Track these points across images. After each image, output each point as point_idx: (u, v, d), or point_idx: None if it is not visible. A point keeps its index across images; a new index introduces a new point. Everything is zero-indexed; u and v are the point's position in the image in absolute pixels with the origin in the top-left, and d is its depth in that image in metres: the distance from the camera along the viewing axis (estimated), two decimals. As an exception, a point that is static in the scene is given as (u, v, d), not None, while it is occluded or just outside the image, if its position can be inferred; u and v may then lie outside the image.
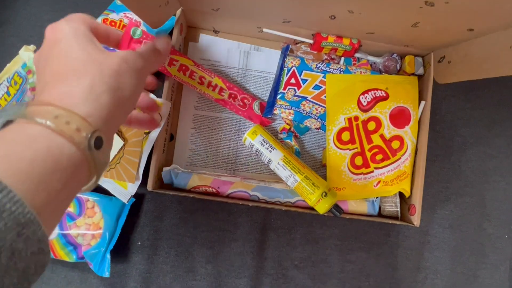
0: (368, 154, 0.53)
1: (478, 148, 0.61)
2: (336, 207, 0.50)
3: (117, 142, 0.51)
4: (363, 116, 0.53)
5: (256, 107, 0.52)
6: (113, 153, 0.52)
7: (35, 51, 0.52)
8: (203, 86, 0.52)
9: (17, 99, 0.50)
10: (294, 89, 0.54)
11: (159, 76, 0.57)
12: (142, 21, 0.54)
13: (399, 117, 0.54)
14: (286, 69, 0.54)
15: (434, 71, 0.54)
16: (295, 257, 0.57)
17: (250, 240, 0.57)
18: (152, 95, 0.53)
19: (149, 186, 0.50)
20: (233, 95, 0.53)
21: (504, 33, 0.39)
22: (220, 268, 0.56)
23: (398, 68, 0.56)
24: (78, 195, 0.51)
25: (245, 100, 0.52)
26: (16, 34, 0.58)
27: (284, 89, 0.54)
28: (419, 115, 0.55)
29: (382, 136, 0.53)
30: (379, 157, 0.53)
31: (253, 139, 0.52)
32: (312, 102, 0.54)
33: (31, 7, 0.58)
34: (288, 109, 0.54)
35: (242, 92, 0.55)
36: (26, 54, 0.52)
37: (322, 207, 0.49)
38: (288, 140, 0.56)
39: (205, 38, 0.58)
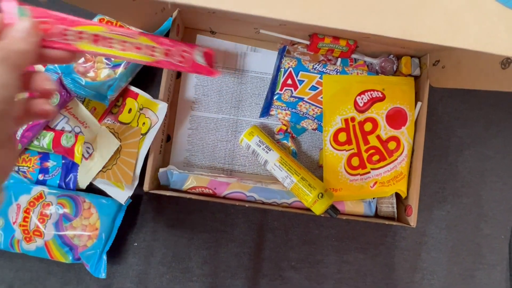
0: (365, 155, 0.54)
1: (475, 148, 0.62)
2: (333, 208, 0.50)
3: (113, 143, 0.51)
4: (359, 117, 0.54)
5: (198, 57, 0.43)
6: (108, 154, 0.51)
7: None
8: (128, 53, 0.39)
9: None
10: (291, 90, 0.54)
11: (151, 72, 0.57)
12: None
13: (396, 118, 0.54)
14: (283, 70, 0.54)
15: (429, 74, 0.54)
16: (292, 257, 0.57)
17: (246, 241, 0.57)
18: (147, 96, 0.53)
19: (146, 187, 0.50)
20: (167, 51, 0.42)
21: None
22: (216, 269, 0.56)
23: (395, 69, 0.56)
24: (74, 196, 0.51)
25: (184, 53, 0.42)
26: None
27: (281, 90, 0.54)
28: (415, 116, 0.55)
29: (378, 137, 0.54)
30: (375, 157, 0.53)
31: (250, 140, 0.52)
32: (309, 103, 0.54)
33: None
34: (285, 110, 0.54)
35: (178, 43, 0.42)
36: None
37: (319, 208, 0.49)
38: (285, 141, 0.56)
39: (202, 39, 0.58)
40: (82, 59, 0.52)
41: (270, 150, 0.52)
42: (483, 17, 0.19)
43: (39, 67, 0.51)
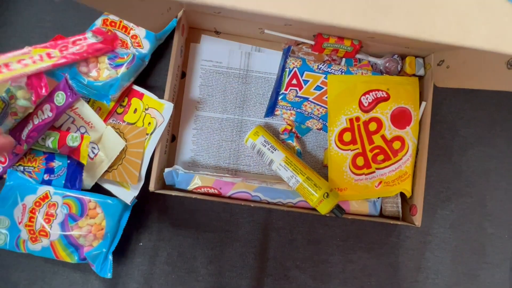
0: (370, 155, 0.54)
1: (479, 148, 0.62)
2: (338, 207, 0.50)
3: (119, 143, 0.51)
4: (364, 117, 0.54)
5: (91, 37, 0.47)
6: (114, 154, 0.52)
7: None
8: (32, 66, 0.47)
9: None
10: (296, 90, 0.54)
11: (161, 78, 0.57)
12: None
13: (400, 118, 0.54)
14: (287, 70, 0.54)
15: (433, 74, 0.54)
16: (296, 257, 0.57)
17: (251, 240, 0.57)
18: (153, 96, 0.53)
19: (151, 187, 0.50)
20: (63, 47, 0.48)
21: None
22: (222, 269, 0.56)
23: (399, 69, 0.56)
24: (80, 196, 0.51)
25: (78, 41, 0.47)
26: (18, 35, 0.58)
27: (286, 90, 0.54)
28: (420, 116, 0.55)
29: (383, 136, 0.54)
30: (380, 157, 0.54)
31: (255, 140, 0.53)
32: (314, 103, 0.54)
33: (33, 8, 0.58)
34: (290, 110, 0.54)
35: (69, 38, 0.49)
36: None
37: (324, 208, 0.49)
38: (290, 141, 0.56)
39: (206, 39, 0.58)
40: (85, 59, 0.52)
41: (275, 150, 0.52)
42: (493, 17, 0.19)
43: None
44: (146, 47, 0.54)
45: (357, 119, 0.54)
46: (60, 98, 0.50)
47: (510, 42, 0.19)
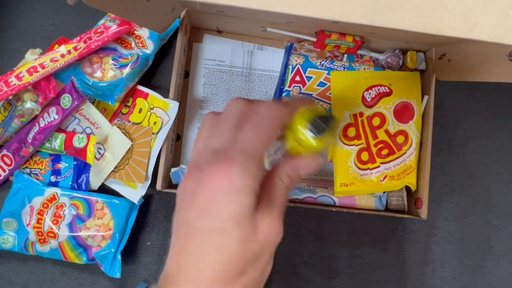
0: (374, 150, 0.54)
1: (481, 140, 0.62)
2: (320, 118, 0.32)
3: (125, 143, 0.52)
4: (367, 112, 0.54)
5: (109, 22, 0.53)
6: (120, 154, 0.52)
7: (40, 54, 0.52)
8: (61, 60, 0.50)
9: (4, 125, 0.51)
10: (299, 87, 0.54)
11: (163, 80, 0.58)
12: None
13: (403, 112, 0.55)
14: (290, 67, 0.55)
15: (434, 68, 0.55)
16: (303, 253, 0.58)
17: (258, 237, 0.57)
18: (158, 95, 0.53)
19: (159, 186, 0.50)
20: (87, 38, 0.52)
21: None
22: (229, 266, 0.56)
23: (401, 63, 0.57)
24: (87, 196, 0.52)
25: (99, 29, 0.52)
26: (21, 39, 0.58)
27: (289, 86, 0.55)
28: (422, 110, 0.55)
29: (387, 131, 0.54)
30: (384, 152, 0.54)
31: None
32: (318, 99, 0.55)
33: (35, 11, 0.59)
34: (294, 106, 0.55)
35: (91, 30, 0.53)
36: (31, 57, 0.52)
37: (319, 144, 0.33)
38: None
39: (209, 39, 0.59)
40: (87, 59, 0.53)
41: None
42: (498, 10, 0.20)
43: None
44: (150, 47, 0.54)
45: (361, 114, 0.54)
46: (66, 100, 0.50)
47: (516, 34, 0.20)
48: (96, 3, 0.27)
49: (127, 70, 0.52)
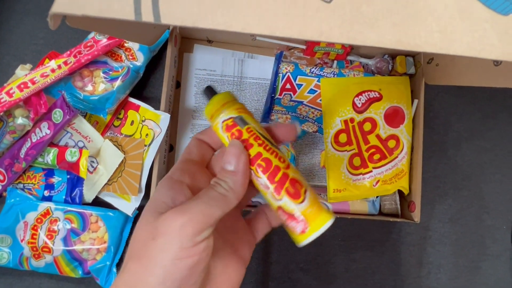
0: (366, 155, 0.54)
1: (473, 142, 0.63)
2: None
3: (117, 156, 0.52)
4: (358, 118, 0.54)
5: (99, 35, 0.53)
6: (113, 167, 0.52)
7: (31, 69, 0.52)
8: (52, 75, 0.50)
9: None
10: (290, 94, 0.55)
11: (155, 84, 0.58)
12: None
13: (394, 117, 0.55)
14: (281, 75, 0.55)
15: (424, 72, 0.55)
16: (299, 259, 0.58)
17: (254, 245, 0.57)
18: (149, 107, 0.53)
19: (152, 197, 0.50)
20: (77, 52, 0.52)
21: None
22: (226, 275, 0.57)
23: (390, 68, 0.57)
24: (81, 210, 0.52)
25: (88, 43, 0.52)
26: (11, 53, 0.58)
27: (280, 94, 0.55)
28: (412, 114, 0.56)
29: (378, 136, 0.54)
30: (376, 156, 0.54)
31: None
32: (308, 106, 0.55)
33: (25, 25, 0.59)
34: (285, 114, 0.55)
35: (81, 44, 0.53)
36: (22, 73, 0.52)
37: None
38: (285, 145, 0.56)
39: (199, 49, 0.59)
40: (78, 73, 0.53)
41: None
42: (474, 24, 0.20)
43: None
44: (140, 60, 0.55)
45: (352, 120, 0.54)
46: (57, 115, 0.50)
47: (491, 48, 0.20)
48: (80, 24, 0.27)
49: (118, 83, 0.52)
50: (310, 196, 0.29)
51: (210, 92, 0.32)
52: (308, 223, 0.29)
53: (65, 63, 0.50)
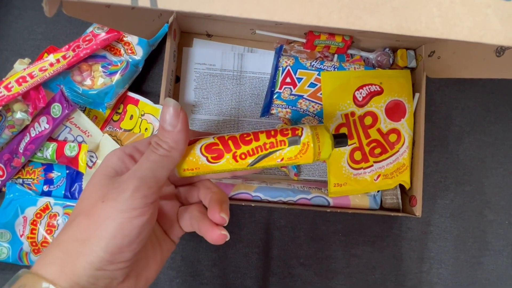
0: (367, 149, 0.54)
1: (475, 136, 0.62)
2: (338, 137, 0.34)
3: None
4: (359, 112, 0.54)
5: (98, 29, 0.52)
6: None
7: (30, 63, 0.52)
8: (50, 69, 0.50)
9: None
10: (290, 88, 0.54)
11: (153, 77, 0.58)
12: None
13: (395, 111, 0.54)
14: (281, 68, 0.55)
15: (425, 65, 0.55)
16: (300, 254, 0.58)
17: (254, 240, 0.57)
18: (148, 101, 0.53)
19: (152, 192, 0.50)
20: (76, 47, 0.52)
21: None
22: (226, 270, 0.56)
23: (391, 62, 0.57)
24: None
25: (87, 37, 0.52)
26: (10, 48, 0.58)
27: (280, 88, 0.54)
28: (414, 108, 0.55)
29: (379, 130, 0.54)
30: (377, 151, 0.54)
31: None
32: (309, 100, 0.55)
33: (24, 20, 0.58)
34: (285, 108, 0.54)
35: (79, 38, 0.53)
36: (20, 67, 0.52)
37: (326, 150, 0.33)
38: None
39: (198, 43, 0.58)
40: (77, 67, 0.52)
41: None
42: (476, 9, 0.20)
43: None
44: (139, 54, 0.54)
45: (352, 114, 0.54)
46: (56, 110, 0.50)
47: (493, 33, 0.19)
48: (78, 13, 0.27)
49: (116, 77, 0.52)
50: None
51: None
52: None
53: (64, 57, 0.50)
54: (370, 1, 0.19)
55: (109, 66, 0.52)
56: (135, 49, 0.54)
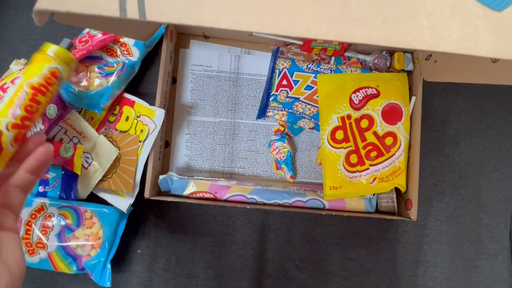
0: (363, 152, 0.54)
1: (471, 140, 0.62)
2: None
3: (112, 152, 0.51)
4: (355, 114, 0.54)
5: (94, 30, 0.52)
6: (108, 162, 0.52)
7: (26, 64, 0.52)
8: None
9: None
10: (286, 91, 0.54)
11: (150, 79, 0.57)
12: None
13: (391, 114, 0.54)
14: (277, 71, 0.55)
15: (422, 69, 0.54)
16: (295, 257, 0.58)
17: (249, 242, 0.57)
18: (144, 103, 0.53)
19: (146, 194, 0.50)
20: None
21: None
22: (221, 272, 0.56)
23: (388, 65, 0.57)
24: (75, 206, 0.52)
25: (83, 38, 0.52)
26: (6, 48, 0.58)
27: (277, 90, 0.54)
28: (410, 111, 0.55)
29: (375, 133, 0.54)
30: (373, 154, 0.54)
31: None
32: (305, 103, 0.54)
33: (21, 20, 0.58)
34: (281, 110, 0.54)
35: (76, 38, 0.54)
36: (16, 68, 0.52)
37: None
38: (281, 142, 0.56)
39: (195, 44, 0.58)
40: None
41: None
42: (466, 21, 0.19)
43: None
44: (135, 55, 0.54)
45: (349, 117, 0.54)
46: (52, 110, 0.50)
47: (483, 45, 0.19)
48: (69, 20, 0.27)
49: (113, 78, 0.52)
50: None
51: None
52: None
53: None
54: (360, 13, 0.19)
55: (105, 67, 0.52)
56: (131, 50, 0.54)
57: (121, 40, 0.54)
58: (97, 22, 0.31)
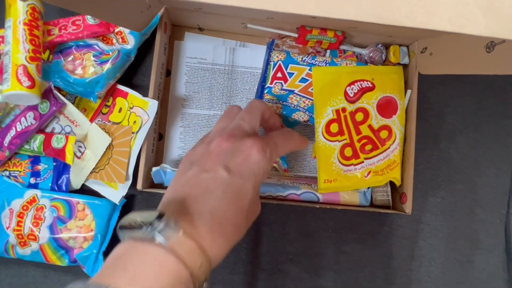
0: (357, 145, 0.54)
1: (467, 134, 0.62)
2: None
3: (105, 139, 0.51)
4: (350, 108, 0.54)
5: (90, 18, 0.52)
6: (101, 151, 0.51)
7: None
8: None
9: None
10: (281, 83, 0.54)
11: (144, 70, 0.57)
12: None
13: (386, 107, 0.54)
14: (272, 63, 0.54)
15: (417, 62, 0.54)
16: (289, 251, 0.57)
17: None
18: (137, 94, 0.52)
19: (139, 185, 0.50)
20: (63, 26, 0.52)
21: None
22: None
23: (384, 58, 0.56)
24: (68, 198, 0.51)
25: (77, 21, 0.51)
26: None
27: (271, 83, 0.54)
28: (406, 104, 0.55)
29: (370, 126, 0.54)
30: (368, 147, 0.53)
31: None
32: (300, 95, 0.54)
33: None
34: (276, 103, 0.54)
35: (70, 17, 0.52)
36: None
37: None
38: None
39: (190, 36, 0.58)
40: (71, 57, 0.52)
41: None
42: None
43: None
44: (131, 43, 0.54)
45: (343, 110, 0.53)
46: (44, 106, 0.49)
47: (474, 23, 0.19)
48: (59, 2, 0.26)
49: (107, 66, 0.51)
50: None
51: None
52: None
53: (49, 32, 0.50)
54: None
55: (101, 55, 0.52)
56: (127, 38, 0.54)
57: (117, 28, 0.54)
58: (86, 4, 0.31)
